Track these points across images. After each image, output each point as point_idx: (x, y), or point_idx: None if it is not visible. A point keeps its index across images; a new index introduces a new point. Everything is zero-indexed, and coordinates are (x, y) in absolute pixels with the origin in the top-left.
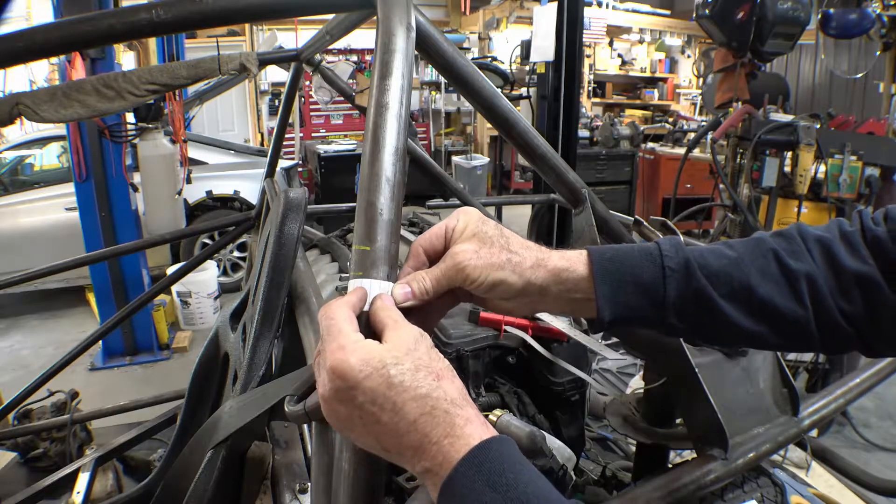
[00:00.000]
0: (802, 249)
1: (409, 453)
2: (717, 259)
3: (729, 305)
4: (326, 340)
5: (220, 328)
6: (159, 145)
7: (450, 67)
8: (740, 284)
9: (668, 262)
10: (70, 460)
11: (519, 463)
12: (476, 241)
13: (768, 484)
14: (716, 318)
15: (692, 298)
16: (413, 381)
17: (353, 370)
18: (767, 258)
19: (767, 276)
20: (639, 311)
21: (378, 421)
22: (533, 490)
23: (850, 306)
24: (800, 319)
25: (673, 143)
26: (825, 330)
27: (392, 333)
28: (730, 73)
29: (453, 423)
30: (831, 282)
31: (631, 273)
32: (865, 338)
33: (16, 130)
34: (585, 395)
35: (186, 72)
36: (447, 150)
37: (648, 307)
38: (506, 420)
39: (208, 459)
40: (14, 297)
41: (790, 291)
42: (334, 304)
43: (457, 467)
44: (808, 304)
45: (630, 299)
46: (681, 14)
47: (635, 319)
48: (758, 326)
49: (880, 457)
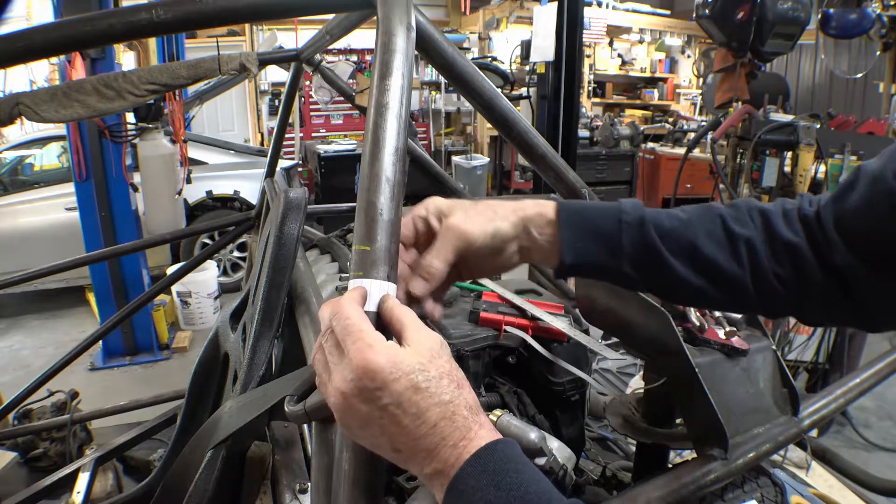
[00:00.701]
0: (746, 217)
1: (421, 455)
2: (669, 220)
3: (676, 261)
4: (349, 338)
5: (220, 328)
6: (159, 145)
7: (450, 67)
8: (687, 242)
9: (625, 218)
10: (70, 460)
11: (522, 464)
12: (461, 211)
13: (768, 484)
14: (664, 272)
15: (644, 251)
16: (438, 388)
17: (383, 371)
18: (714, 222)
19: (712, 238)
20: (596, 258)
21: (399, 423)
22: (535, 489)
23: (782, 270)
24: (738, 278)
25: (673, 143)
26: (761, 290)
27: (414, 336)
28: (730, 73)
29: (469, 428)
30: (767, 247)
31: (592, 223)
32: (797, 301)
33: (16, 130)
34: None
35: (186, 72)
36: (447, 150)
37: (605, 255)
38: (506, 420)
39: (208, 459)
40: (14, 297)
41: (731, 252)
42: (343, 302)
43: (464, 467)
44: (747, 265)
45: (589, 246)
46: (681, 14)
47: (593, 266)
48: (701, 282)
49: (880, 457)
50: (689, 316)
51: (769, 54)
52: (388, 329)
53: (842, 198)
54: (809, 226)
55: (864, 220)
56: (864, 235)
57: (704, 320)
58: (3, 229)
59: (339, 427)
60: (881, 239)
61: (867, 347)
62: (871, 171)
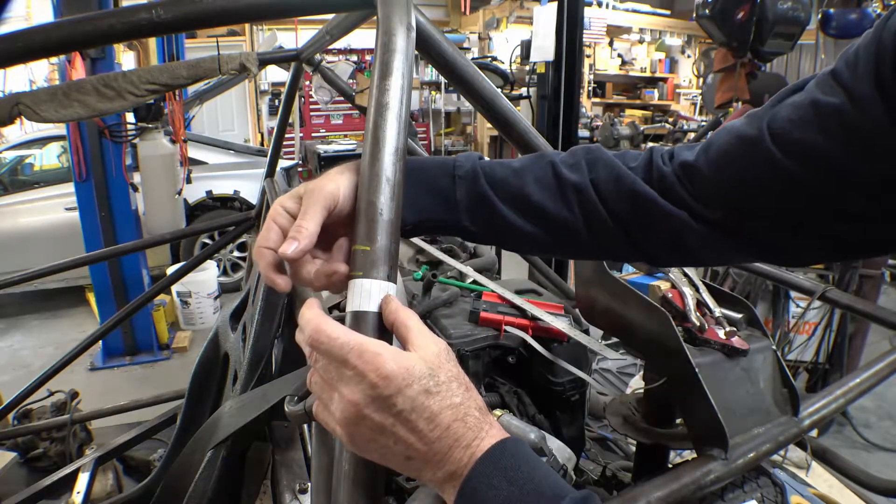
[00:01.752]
0: (581, 164)
1: (435, 459)
2: (501, 169)
3: (507, 208)
4: (351, 354)
5: (220, 328)
6: (159, 145)
7: (450, 67)
8: (517, 190)
9: (459, 172)
10: (70, 460)
11: (532, 459)
12: (320, 177)
13: (768, 484)
14: (498, 221)
15: (478, 202)
16: (448, 391)
17: (396, 378)
18: (545, 169)
19: (541, 184)
20: (436, 214)
21: (414, 429)
22: (548, 483)
23: (619, 207)
24: (569, 223)
25: (673, 143)
26: (596, 231)
27: (420, 341)
28: (730, 73)
29: (481, 428)
30: (608, 187)
31: (429, 181)
32: (633, 236)
33: (16, 130)
34: (585, 395)
35: (186, 72)
36: (447, 150)
37: (443, 210)
38: (506, 420)
39: (208, 459)
40: (14, 297)
41: (560, 197)
42: (318, 323)
43: (475, 466)
44: (577, 209)
45: (428, 203)
46: (681, 14)
47: (435, 222)
48: (533, 228)
49: (880, 457)
50: (689, 316)
51: (769, 54)
52: (391, 331)
53: (695, 149)
54: (651, 164)
55: (714, 166)
56: (712, 181)
57: (704, 320)
58: (3, 229)
59: (346, 443)
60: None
61: (867, 347)
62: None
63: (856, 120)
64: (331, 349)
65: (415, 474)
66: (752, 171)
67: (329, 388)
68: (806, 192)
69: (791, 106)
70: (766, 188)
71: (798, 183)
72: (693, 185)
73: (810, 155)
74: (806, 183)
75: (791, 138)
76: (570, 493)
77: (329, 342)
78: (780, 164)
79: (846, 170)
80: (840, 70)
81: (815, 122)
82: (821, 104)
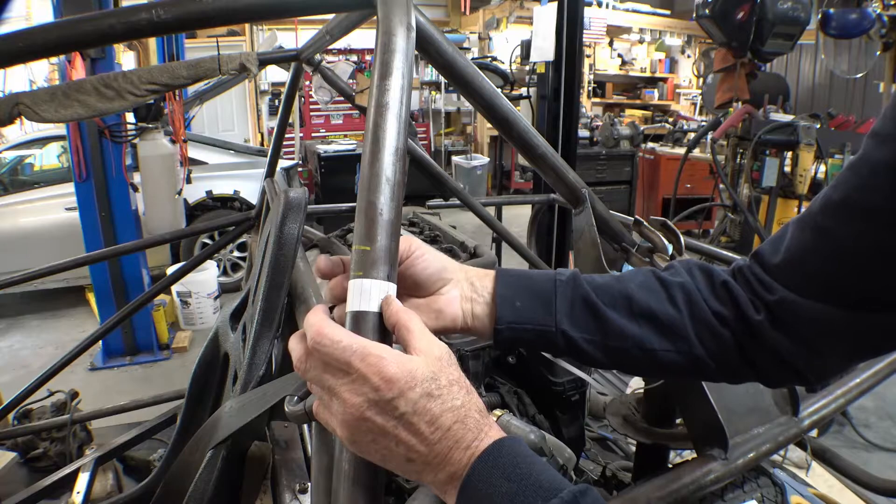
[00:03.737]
0: (680, 269)
1: (436, 461)
2: (602, 277)
3: (611, 310)
4: (353, 357)
5: (220, 328)
6: (159, 145)
7: (450, 67)
8: (620, 293)
9: (559, 276)
10: (70, 460)
11: (530, 457)
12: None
13: (768, 484)
14: (602, 323)
15: (580, 304)
16: (449, 394)
17: (399, 381)
18: (647, 276)
19: (644, 287)
20: (533, 315)
21: (415, 431)
22: (546, 478)
23: (721, 308)
24: (675, 321)
25: (673, 143)
26: (701, 333)
27: (422, 345)
28: (730, 73)
29: (481, 429)
30: (705, 289)
31: (528, 283)
32: (739, 341)
33: (16, 130)
34: (585, 395)
35: (186, 72)
36: (447, 150)
37: (541, 310)
38: (506, 420)
39: (208, 459)
40: (14, 297)
41: (666, 297)
42: (325, 326)
43: (474, 465)
44: (683, 307)
45: (525, 304)
46: (681, 14)
47: (531, 325)
48: (640, 330)
49: (880, 457)
50: None
51: (769, 54)
52: (392, 333)
53: (770, 245)
54: (742, 271)
55: (797, 257)
56: (799, 271)
57: None
58: (3, 229)
59: (347, 445)
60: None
61: None
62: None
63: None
64: (333, 352)
65: (415, 476)
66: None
67: (330, 390)
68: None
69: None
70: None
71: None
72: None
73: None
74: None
75: (833, 202)
76: (568, 487)
77: (332, 345)
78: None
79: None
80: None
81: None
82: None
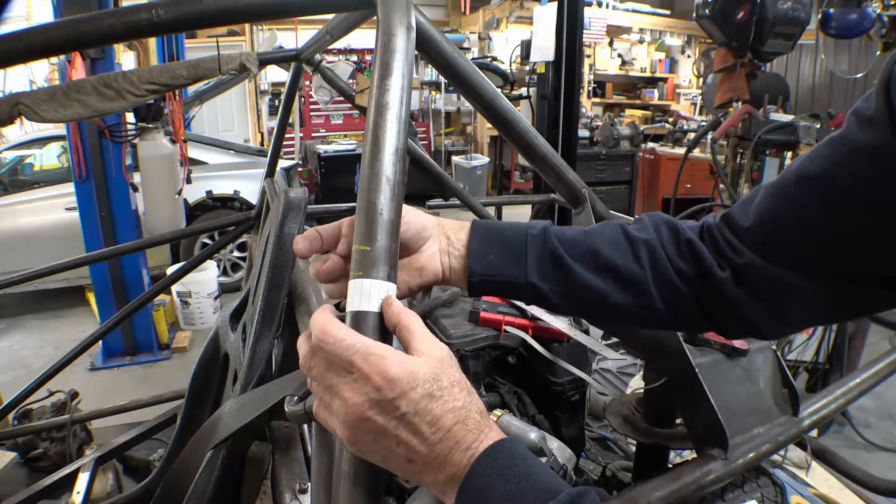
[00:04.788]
0: (648, 225)
1: (436, 462)
2: (571, 231)
3: (578, 264)
4: (356, 356)
5: (220, 328)
6: (159, 145)
7: (450, 67)
8: (587, 248)
9: (530, 230)
10: (70, 460)
11: (529, 458)
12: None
13: (768, 484)
14: (568, 277)
15: (549, 259)
16: (450, 395)
17: (401, 382)
18: (615, 231)
19: (611, 242)
20: (504, 269)
21: (416, 431)
22: (544, 479)
23: (684, 265)
24: (639, 278)
25: (673, 143)
26: (664, 291)
27: (424, 347)
28: (730, 73)
29: (481, 430)
30: (671, 247)
31: (500, 238)
32: (699, 297)
33: (16, 130)
34: (585, 395)
35: (186, 72)
36: (447, 150)
37: (512, 264)
38: (506, 420)
39: (208, 459)
40: (14, 297)
41: (630, 253)
42: (329, 324)
43: (473, 466)
44: (646, 265)
45: (497, 257)
46: (681, 14)
47: (502, 277)
48: (603, 284)
49: (880, 457)
50: None
51: (769, 54)
52: (393, 333)
53: (740, 207)
54: (711, 230)
55: (768, 224)
56: (768, 231)
57: None
58: (3, 229)
59: (347, 444)
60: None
61: (867, 347)
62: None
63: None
64: (336, 350)
65: (415, 477)
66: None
67: (331, 389)
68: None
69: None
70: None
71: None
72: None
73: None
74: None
75: (809, 174)
76: (566, 489)
77: (335, 343)
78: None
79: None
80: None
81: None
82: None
